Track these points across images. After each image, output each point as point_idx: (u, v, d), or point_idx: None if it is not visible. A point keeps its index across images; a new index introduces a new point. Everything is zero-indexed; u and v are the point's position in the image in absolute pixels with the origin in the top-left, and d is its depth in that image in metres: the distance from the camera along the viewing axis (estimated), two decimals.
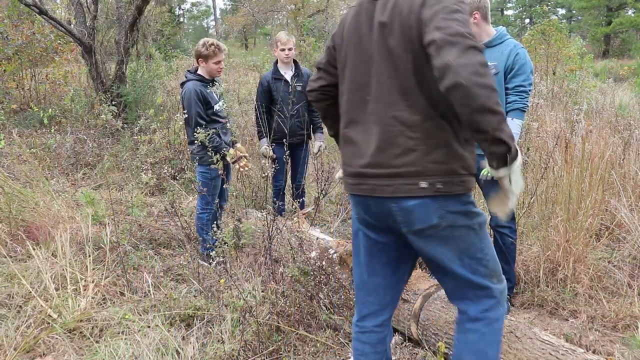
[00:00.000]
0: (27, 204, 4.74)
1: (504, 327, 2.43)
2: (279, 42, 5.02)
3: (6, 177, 4.98)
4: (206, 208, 4.32)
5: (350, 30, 2.11)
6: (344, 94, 2.16)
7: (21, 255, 4.06)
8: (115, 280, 3.79)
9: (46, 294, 3.43)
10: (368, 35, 2.03)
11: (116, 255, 3.95)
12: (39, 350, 3.01)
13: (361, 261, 2.25)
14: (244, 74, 16.40)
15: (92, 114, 8.79)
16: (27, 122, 9.19)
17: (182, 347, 2.98)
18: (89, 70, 9.71)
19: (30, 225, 4.43)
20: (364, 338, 2.30)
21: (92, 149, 7.46)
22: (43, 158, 7.04)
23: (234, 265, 3.92)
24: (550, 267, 3.79)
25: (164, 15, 19.27)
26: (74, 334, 3.16)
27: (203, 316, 3.27)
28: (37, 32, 10.62)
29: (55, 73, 11.07)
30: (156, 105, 9.18)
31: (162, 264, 4.23)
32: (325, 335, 3.08)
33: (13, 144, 6.68)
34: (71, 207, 5.08)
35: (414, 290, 3.17)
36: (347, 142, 2.14)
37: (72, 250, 3.86)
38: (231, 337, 3.05)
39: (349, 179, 2.15)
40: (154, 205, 5.69)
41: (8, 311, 3.37)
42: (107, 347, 2.97)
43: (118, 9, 10.09)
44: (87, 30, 9.26)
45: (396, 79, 1.95)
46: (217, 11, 51.01)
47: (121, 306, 3.44)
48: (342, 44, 2.15)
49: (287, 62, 5.04)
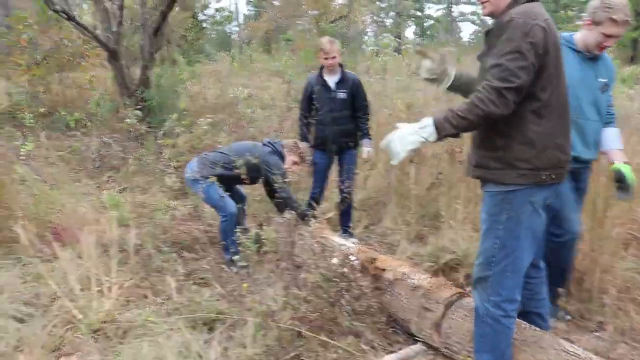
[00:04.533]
0: (54, 205, 4.81)
1: (529, 336, 2.49)
2: (322, 50, 4.94)
3: (34, 179, 5.06)
4: (225, 215, 4.35)
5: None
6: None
7: (48, 256, 4.11)
8: (138, 283, 3.83)
9: (72, 295, 3.47)
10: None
11: (140, 258, 3.99)
12: (65, 349, 3.04)
13: (532, 245, 2.52)
14: (266, 79, 16.44)
15: (117, 118, 8.87)
16: (55, 126, 9.32)
17: (205, 350, 2.99)
18: (114, 75, 9.83)
19: (57, 226, 4.50)
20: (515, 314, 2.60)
21: (117, 153, 7.54)
22: (70, 161, 7.14)
23: (257, 270, 3.93)
24: (575, 277, 3.72)
25: (187, 20, 19.41)
26: (98, 335, 3.20)
27: (225, 320, 3.28)
28: (65, 37, 10.79)
29: (81, 78, 11.24)
30: (180, 109, 9.24)
31: (185, 268, 4.26)
32: (347, 341, 3.06)
33: (41, 147, 6.79)
34: (97, 209, 5.14)
35: (435, 298, 3.14)
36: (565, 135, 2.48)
37: (97, 252, 3.89)
38: (253, 342, 3.04)
39: (562, 170, 2.47)
40: (177, 209, 5.71)
41: (35, 310, 3.43)
42: (131, 349, 2.99)
43: (143, 14, 10.20)
44: (112, 36, 9.38)
45: None
46: (240, 17, 51.30)
47: (144, 308, 3.47)
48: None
49: (332, 69, 5.00)
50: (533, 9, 2.34)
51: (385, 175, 6.04)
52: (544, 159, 2.38)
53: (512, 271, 2.48)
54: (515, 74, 2.21)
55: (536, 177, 2.38)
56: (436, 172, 5.52)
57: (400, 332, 3.36)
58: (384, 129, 6.84)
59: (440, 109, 2.38)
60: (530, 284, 2.77)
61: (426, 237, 4.94)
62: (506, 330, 2.54)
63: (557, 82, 2.37)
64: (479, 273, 2.58)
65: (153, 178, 6.61)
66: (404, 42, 47.10)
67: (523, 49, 2.23)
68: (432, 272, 4.12)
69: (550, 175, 2.40)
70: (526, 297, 2.77)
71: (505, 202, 2.44)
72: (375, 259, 3.63)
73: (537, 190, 2.41)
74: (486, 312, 2.54)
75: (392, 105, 8.27)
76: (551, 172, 2.40)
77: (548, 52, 2.29)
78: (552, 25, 2.35)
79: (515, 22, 2.27)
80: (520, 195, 2.41)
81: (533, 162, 2.37)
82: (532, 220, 2.45)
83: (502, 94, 2.21)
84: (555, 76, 2.36)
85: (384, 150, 2.42)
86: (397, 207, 5.55)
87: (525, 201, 2.41)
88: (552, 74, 2.34)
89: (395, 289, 3.38)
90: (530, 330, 2.72)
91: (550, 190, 2.46)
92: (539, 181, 2.39)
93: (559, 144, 2.40)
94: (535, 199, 2.41)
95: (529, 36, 2.24)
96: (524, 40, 2.23)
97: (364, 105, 5.07)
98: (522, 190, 2.40)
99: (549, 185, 2.43)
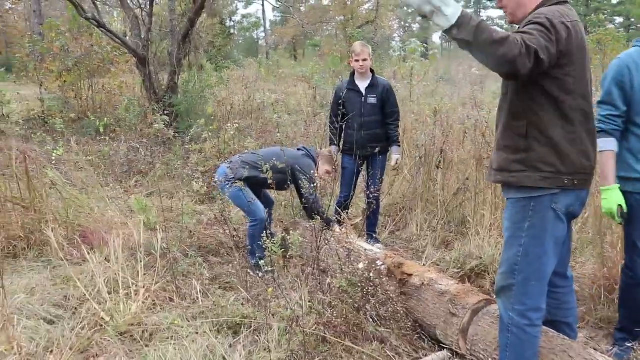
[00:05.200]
0: (83, 209, 4.90)
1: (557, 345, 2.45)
2: (354, 53, 4.97)
3: (64, 183, 5.16)
4: (255, 220, 4.36)
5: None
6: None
7: (77, 259, 4.18)
8: (165, 286, 3.86)
9: (99, 298, 3.52)
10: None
11: (166, 261, 4.02)
12: (93, 351, 3.08)
13: (556, 252, 2.46)
14: (293, 84, 16.52)
15: (145, 123, 9.00)
16: (84, 131, 9.51)
17: (229, 354, 3.00)
18: (142, 80, 9.99)
19: (85, 230, 4.58)
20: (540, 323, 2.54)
21: (145, 157, 7.63)
22: (98, 165, 7.25)
23: (282, 274, 3.93)
24: (607, 285, 3.65)
25: (215, 27, 19.64)
26: (125, 337, 3.23)
27: (250, 324, 3.29)
28: (95, 44, 11.02)
29: (111, 83, 11.45)
30: (207, 115, 9.34)
31: (211, 272, 4.28)
32: (371, 347, 3.04)
33: (71, 152, 6.92)
34: (124, 213, 5.22)
35: (462, 304, 3.11)
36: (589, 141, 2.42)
37: (125, 255, 3.95)
38: (278, 347, 3.05)
39: (586, 176, 2.42)
40: (203, 213, 5.77)
41: (64, 312, 3.49)
42: (157, 352, 3.01)
43: (171, 21, 10.37)
44: (141, 42, 9.54)
45: None
46: (267, 23, 51.73)
47: (170, 312, 3.49)
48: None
49: (362, 73, 4.98)
50: (559, 10, 2.31)
51: (411, 180, 6.01)
52: (568, 163, 2.33)
53: (537, 279, 2.44)
54: (543, 48, 2.11)
55: (559, 180, 2.34)
56: (463, 178, 5.48)
57: (426, 339, 3.33)
58: (410, 134, 6.82)
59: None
60: (558, 293, 2.72)
61: (452, 243, 4.90)
62: (532, 340, 2.50)
63: (580, 87, 2.32)
64: (503, 282, 2.54)
65: (180, 183, 6.68)
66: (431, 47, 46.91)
67: (551, 35, 2.16)
68: (458, 278, 4.09)
69: (572, 181, 2.35)
70: (553, 307, 2.72)
71: (528, 209, 2.40)
72: (402, 264, 3.62)
73: (560, 195, 2.36)
74: (511, 321, 2.51)
75: (419, 110, 8.24)
76: (574, 177, 2.35)
77: (572, 53, 2.26)
78: (578, 28, 2.31)
79: (543, 14, 2.23)
80: (542, 202, 2.37)
81: (556, 166, 2.33)
82: (556, 227, 2.41)
83: (532, 52, 2.07)
84: (580, 80, 2.31)
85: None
86: (423, 213, 5.52)
87: (548, 207, 2.37)
88: (577, 77, 2.30)
89: (422, 295, 3.36)
90: (558, 339, 2.67)
91: (573, 197, 2.41)
92: (561, 185, 2.34)
93: (583, 150, 2.36)
94: (558, 205, 2.37)
95: (555, 27, 2.18)
96: (552, 29, 2.16)
97: (394, 112, 5.04)
98: (545, 196, 2.36)
99: (572, 191, 2.39)
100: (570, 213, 2.44)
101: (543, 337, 2.64)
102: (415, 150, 6.37)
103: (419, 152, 6.10)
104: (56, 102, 10.86)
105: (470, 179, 5.24)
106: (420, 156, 5.98)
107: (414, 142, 6.65)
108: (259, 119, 10.06)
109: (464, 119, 6.62)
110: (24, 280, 3.87)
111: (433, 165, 5.79)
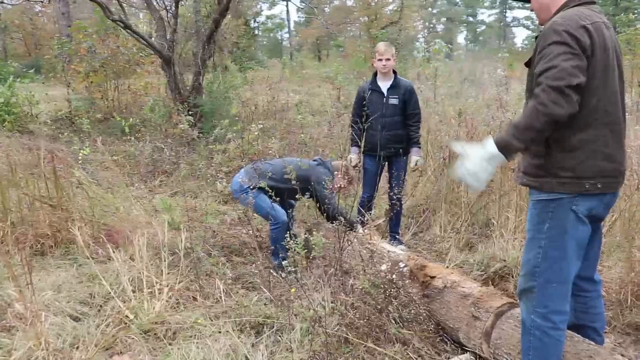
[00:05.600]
0: (108, 208, 4.96)
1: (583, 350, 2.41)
2: (377, 52, 4.96)
3: (90, 183, 5.23)
4: (277, 224, 4.37)
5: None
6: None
7: (102, 257, 4.24)
8: (188, 285, 3.89)
9: (124, 296, 3.57)
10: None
11: (190, 261, 4.05)
12: (117, 348, 3.12)
13: (578, 255, 2.43)
14: (317, 85, 16.54)
15: (170, 123, 9.09)
16: (110, 131, 9.64)
17: (252, 354, 3.01)
18: (167, 81, 10.09)
19: (110, 229, 4.63)
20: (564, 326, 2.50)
21: (169, 157, 7.70)
22: (124, 165, 7.34)
23: (305, 275, 3.94)
24: (634, 290, 3.58)
25: (239, 28, 19.78)
26: (149, 335, 3.26)
27: (273, 324, 3.30)
28: (122, 45, 11.17)
29: (136, 84, 11.60)
30: (231, 115, 9.39)
31: (234, 271, 4.31)
32: (394, 349, 3.03)
33: (97, 152, 7.01)
34: (149, 212, 5.26)
35: (485, 308, 3.07)
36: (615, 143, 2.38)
37: (149, 254, 3.99)
38: (300, 347, 3.05)
39: (612, 180, 2.37)
40: (227, 214, 5.81)
41: (90, 309, 3.53)
42: (180, 350, 3.04)
43: (196, 22, 10.45)
44: (166, 43, 9.63)
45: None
46: (291, 24, 51.90)
47: (193, 311, 3.52)
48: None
49: (385, 73, 4.97)
50: (580, 12, 2.28)
51: (435, 182, 5.97)
52: (588, 167, 2.29)
53: (558, 282, 2.40)
54: (572, 73, 2.14)
55: (579, 186, 2.30)
56: None
57: (448, 341, 3.30)
58: (434, 136, 6.77)
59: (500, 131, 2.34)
60: (585, 297, 2.68)
61: (476, 246, 4.86)
62: (556, 343, 2.46)
63: (604, 89, 2.27)
64: (524, 284, 2.52)
65: (204, 183, 6.72)
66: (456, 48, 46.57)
67: (575, 49, 2.17)
68: (481, 280, 4.05)
69: (595, 185, 2.30)
70: (580, 310, 2.68)
71: (547, 211, 2.37)
72: (425, 266, 3.59)
73: (581, 199, 2.32)
74: (533, 324, 2.47)
75: (443, 111, 8.18)
76: (597, 181, 2.30)
77: (594, 55, 2.22)
78: (600, 28, 2.27)
79: (561, 26, 2.21)
80: (562, 204, 2.34)
81: (575, 171, 2.29)
82: (577, 230, 2.36)
83: (564, 92, 2.13)
84: (603, 82, 2.27)
85: (455, 178, 2.42)
86: (447, 215, 5.48)
87: (568, 210, 2.33)
88: (599, 79, 2.25)
89: (445, 297, 3.33)
90: (584, 344, 2.62)
91: (596, 200, 2.36)
92: (582, 190, 2.30)
93: (606, 153, 2.30)
94: (579, 207, 2.33)
95: (576, 38, 2.17)
96: (573, 42, 2.17)
97: (416, 113, 5.01)
98: (564, 198, 2.33)
99: (595, 195, 2.34)
100: (593, 216, 2.40)
101: (568, 342, 2.60)
102: (439, 152, 6.32)
103: (443, 153, 6.05)
104: (83, 103, 11.04)
105: (495, 181, 5.18)
106: (444, 157, 5.93)
107: (438, 144, 6.60)
108: (282, 120, 10.09)
109: (489, 120, 6.55)
110: (51, 278, 3.94)
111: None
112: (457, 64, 18.56)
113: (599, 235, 2.64)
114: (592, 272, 2.67)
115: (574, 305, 2.66)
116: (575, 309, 2.64)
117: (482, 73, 15.30)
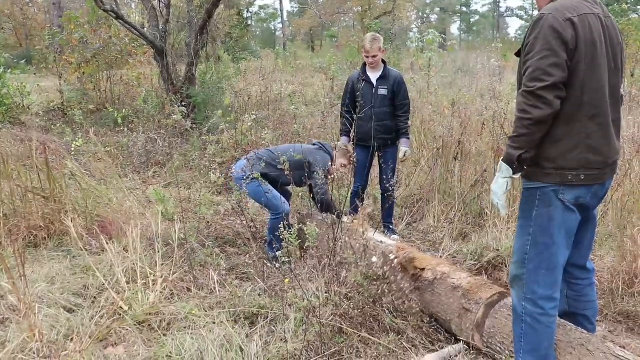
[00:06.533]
0: (101, 200, 4.95)
1: (575, 338, 2.42)
2: (364, 49, 4.92)
3: (83, 174, 5.21)
4: (278, 213, 4.37)
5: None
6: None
7: (96, 249, 4.23)
8: (182, 276, 3.89)
9: (118, 287, 3.56)
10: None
11: (184, 252, 4.05)
12: (111, 339, 3.12)
13: (568, 242, 2.47)
14: (310, 75, 16.49)
15: (163, 114, 9.05)
16: (103, 122, 9.59)
17: (246, 344, 3.02)
18: (160, 72, 10.04)
19: (104, 220, 4.62)
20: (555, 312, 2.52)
21: (163, 148, 7.69)
22: (117, 156, 7.31)
23: (299, 265, 3.94)
24: (626, 279, 3.61)
25: (232, 18, 19.66)
26: (143, 327, 3.26)
27: (267, 315, 3.31)
28: (114, 36, 11.08)
29: (129, 75, 11.52)
30: (224, 106, 9.36)
31: (228, 262, 4.31)
32: (388, 339, 3.04)
33: (90, 143, 6.98)
34: (142, 204, 5.26)
35: (475, 299, 3.09)
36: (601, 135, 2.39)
37: (143, 245, 3.98)
38: (294, 337, 3.07)
39: (596, 171, 2.38)
40: (221, 204, 5.80)
41: (84, 301, 3.54)
42: (174, 341, 3.04)
43: (189, 12, 10.37)
44: (159, 34, 9.57)
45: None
46: (285, 14, 51.69)
47: (188, 302, 3.52)
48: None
49: (374, 67, 4.97)
50: (566, 4, 2.29)
51: (428, 172, 5.98)
52: (571, 159, 2.32)
53: (547, 268, 2.44)
54: (547, 72, 2.19)
55: (561, 177, 2.34)
56: (481, 170, 5.43)
57: (442, 331, 3.32)
58: (427, 126, 6.77)
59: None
60: (577, 285, 2.70)
61: (469, 236, 4.87)
62: (546, 330, 2.48)
63: (589, 81, 2.28)
64: (515, 271, 2.56)
65: (197, 174, 6.71)
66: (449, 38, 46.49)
67: (553, 45, 2.19)
68: (475, 270, 4.07)
69: (578, 176, 2.33)
70: (572, 298, 2.71)
71: (535, 199, 2.42)
72: (414, 259, 3.58)
73: (566, 189, 2.35)
74: (524, 311, 2.50)
75: (437, 101, 8.18)
76: (579, 172, 2.33)
77: (578, 48, 2.23)
78: (587, 21, 2.27)
79: (545, 19, 2.24)
80: (548, 192, 2.38)
81: (558, 162, 2.33)
82: (565, 218, 2.40)
83: (538, 95, 2.20)
84: (589, 75, 2.27)
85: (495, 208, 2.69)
86: (440, 205, 5.49)
87: (555, 198, 2.37)
88: (584, 72, 2.26)
89: (436, 289, 3.34)
90: (576, 332, 2.64)
91: (584, 190, 2.38)
92: (566, 181, 2.33)
93: (590, 145, 2.32)
94: (565, 197, 2.36)
95: (558, 32, 2.19)
96: (553, 37, 2.20)
97: (405, 104, 5.00)
98: (550, 187, 2.37)
99: (579, 186, 2.36)
100: (581, 205, 2.42)
101: (560, 330, 2.62)
102: (433, 142, 6.33)
103: (436, 143, 6.06)
104: (75, 94, 10.97)
105: (488, 171, 5.19)
106: (437, 148, 5.94)
107: (431, 134, 6.61)
108: (276, 110, 10.07)
109: (483, 111, 6.57)
110: (44, 269, 3.93)
111: (451, 157, 5.75)
112: (450, 54, 18.50)
113: (593, 223, 2.66)
114: (585, 261, 2.69)
115: (566, 293, 2.69)
116: (568, 297, 2.67)
117: (476, 63, 15.28)
